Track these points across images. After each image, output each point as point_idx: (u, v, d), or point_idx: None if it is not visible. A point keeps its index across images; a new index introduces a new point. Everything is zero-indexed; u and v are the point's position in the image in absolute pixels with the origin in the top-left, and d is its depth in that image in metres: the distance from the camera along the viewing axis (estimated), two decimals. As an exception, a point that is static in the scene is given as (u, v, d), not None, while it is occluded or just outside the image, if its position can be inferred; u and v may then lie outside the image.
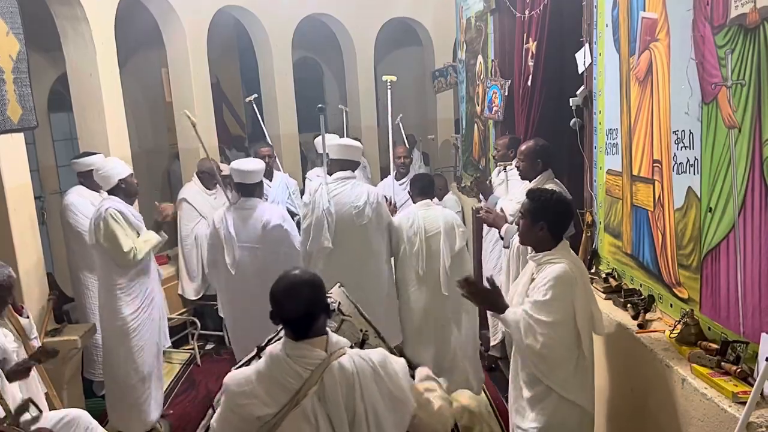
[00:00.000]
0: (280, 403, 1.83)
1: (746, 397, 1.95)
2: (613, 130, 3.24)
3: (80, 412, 3.10)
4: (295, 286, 1.93)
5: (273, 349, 1.93)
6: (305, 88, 9.50)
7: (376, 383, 1.91)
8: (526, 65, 4.47)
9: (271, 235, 3.98)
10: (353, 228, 4.00)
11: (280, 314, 1.92)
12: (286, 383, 1.85)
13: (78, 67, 5.26)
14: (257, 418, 1.83)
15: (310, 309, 1.91)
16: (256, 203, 4.09)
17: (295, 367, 1.86)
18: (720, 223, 2.30)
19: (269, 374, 1.87)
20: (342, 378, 1.86)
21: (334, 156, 4.20)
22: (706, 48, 2.33)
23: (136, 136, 7.49)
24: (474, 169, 6.60)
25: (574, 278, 2.48)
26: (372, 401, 1.88)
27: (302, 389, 1.84)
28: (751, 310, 2.16)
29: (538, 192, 2.70)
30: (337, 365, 1.87)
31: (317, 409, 1.84)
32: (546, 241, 2.58)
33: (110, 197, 3.99)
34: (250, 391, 1.85)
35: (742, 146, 2.13)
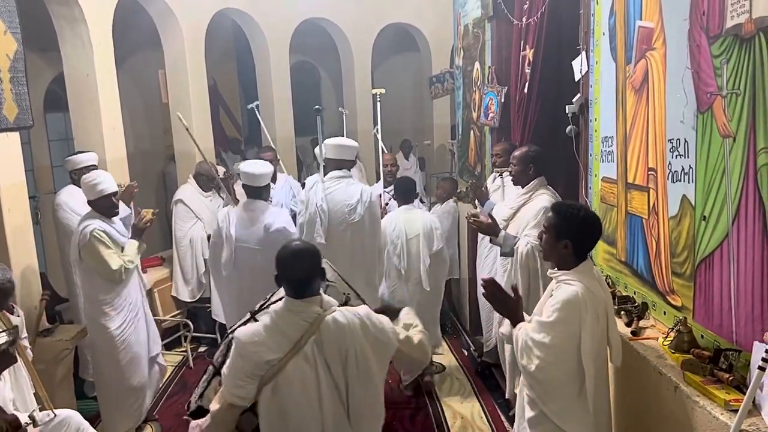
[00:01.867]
0: (284, 350, 2.19)
1: (738, 405, 1.96)
2: (609, 138, 3.26)
3: (71, 412, 3.09)
4: (299, 252, 2.31)
5: (276, 306, 2.30)
6: (302, 92, 9.52)
7: (363, 331, 2.27)
8: (523, 72, 4.49)
9: (273, 238, 3.96)
10: (345, 225, 4.22)
11: (285, 275, 2.29)
12: (289, 333, 2.21)
13: (75, 68, 5.26)
14: (266, 362, 2.18)
15: (310, 272, 2.29)
16: (261, 205, 4.16)
17: (296, 319, 2.23)
18: (714, 231, 2.31)
19: (275, 326, 2.23)
20: (336, 328, 2.23)
21: (330, 155, 4.36)
22: (702, 57, 2.34)
23: (133, 138, 7.48)
24: (470, 175, 6.60)
25: (584, 304, 2.34)
26: (361, 345, 2.25)
27: (303, 338, 2.21)
28: (744, 318, 2.17)
29: (564, 206, 2.56)
30: (331, 318, 2.25)
31: (315, 353, 2.22)
32: (568, 260, 2.45)
33: (90, 217, 3.90)
34: (260, 341, 2.20)
35: (737, 155, 2.15)
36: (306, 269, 2.29)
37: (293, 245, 2.37)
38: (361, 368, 2.26)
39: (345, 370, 2.24)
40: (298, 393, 2.21)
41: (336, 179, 4.29)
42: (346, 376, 2.25)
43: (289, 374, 2.19)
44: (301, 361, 2.20)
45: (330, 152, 4.38)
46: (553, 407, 2.38)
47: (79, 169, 4.64)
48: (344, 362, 2.24)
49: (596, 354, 2.38)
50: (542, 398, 2.40)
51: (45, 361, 3.80)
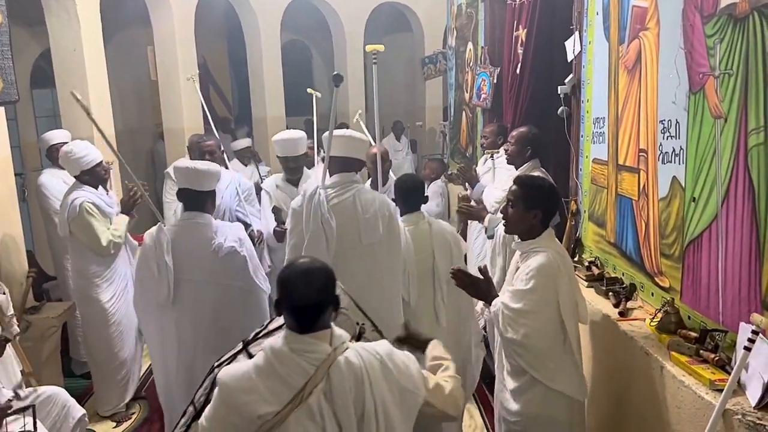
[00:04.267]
0: (282, 401, 1.69)
1: (723, 384, 1.97)
2: (600, 119, 3.24)
3: (57, 389, 3.07)
4: (309, 272, 1.79)
5: (273, 342, 1.77)
6: (293, 72, 9.44)
7: (385, 377, 1.77)
8: (516, 53, 4.46)
9: (226, 263, 3.06)
10: (357, 248, 2.98)
11: (289, 301, 1.76)
12: (289, 379, 1.70)
13: (61, 42, 5.18)
14: (258, 416, 1.68)
15: (321, 298, 1.78)
16: (205, 220, 3.13)
17: (299, 362, 1.71)
18: (703, 212, 2.31)
19: (271, 370, 1.72)
20: (350, 374, 1.73)
21: (336, 153, 3.08)
22: (695, 37, 2.33)
23: (121, 115, 7.41)
24: (461, 156, 6.59)
25: (558, 267, 2.42)
26: (381, 396, 1.75)
27: (307, 386, 1.70)
28: (731, 299, 2.18)
29: (530, 179, 2.62)
30: (343, 360, 1.73)
31: (324, 407, 1.70)
32: (535, 229, 2.51)
33: (79, 187, 3.85)
34: (251, 388, 1.70)
35: (728, 136, 2.14)
36: (316, 294, 1.77)
37: (301, 262, 1.83)
38: (382, 426, 1.75)
39: (361, 427, 1.74)
40: None
41: (342, 185, 3.03)
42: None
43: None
44: (304, 418, 1.69)
45: (337, 148, 3.06)
46: (544, 372, 2.43)
47: (53, 145, 4.60)
48: (359, 418, 1.73)
49: (573, 313, 2.47)
50: (531, 364, 2.43)
51: (32, 339, 3.77)
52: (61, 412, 2.98)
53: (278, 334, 1.81)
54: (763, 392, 1.89)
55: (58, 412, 2.97)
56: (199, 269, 3.04)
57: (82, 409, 3.10)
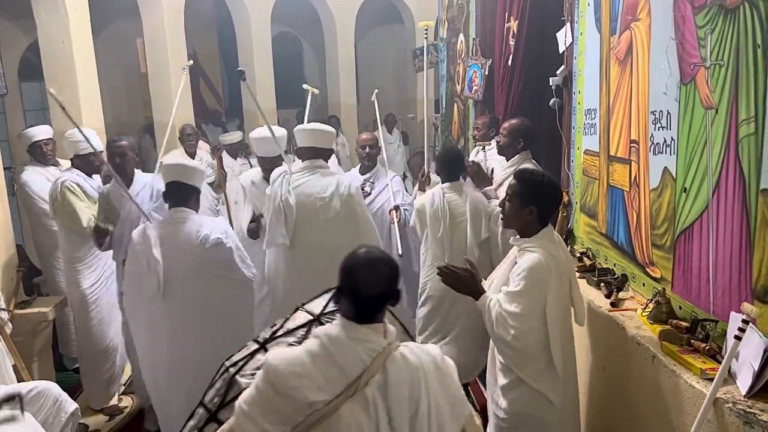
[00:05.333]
0: (335, 390, 1.62)
1: (714, 373, 1.99)
2: (592, 110, 3.25)
3: (49, 384, 3.04)
4: (377, 261, 1.76)
5: (328, 330, 1.71)
6: (284, 64, 9.39)
7: (439, 380, 1.72)
8: (507, 44, 4.45)
9: (212, 254, 3.12)
10: (317, 223, 3.51)
11: (353, 289, 1.71)
12: (346, 367, 1.64)
13: (49, 34, 5.13)
14: (309, 403, 1.60)
15: (386, 289, 1.74)
16: (190, 215, 3.19)
17: (358, 351, 1.65)
18: (694, 203, 2.32)
19: (327, 356, 1.65)
20: (406, 369, 1.67)
21: (304, 143, 3.67)
22: (687, 28, 2.33)
23: (111, 108, 7.35)
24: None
25: (548, 270, 2.38)
26: (436, 398, 1.70)
27: (363, 376, 1.63)
28: (722, 289, 2.19)
29: (528, 173, 2.56)
30: (399, 355, 1.69)
31: (378, 401, 1.63)
32: (531, 226, 2.48)
33: (69, 170, 3.92)
34: (304, 373, 1.62)
35: (719, 127, 2.15)
36: (383, 284, 1.73)
37: (369, 251, 1.79)
38: (435, 423, 1.69)
39: (413, 426, 1.66)
40: None
41: (307, 170, 3.59)
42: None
43: (339, 424, 1.60)
44: (359, 409, 1.61)
45: (303, 139, 3.66)
46: (529, 372, 2.43)
47: (34, 143, 4.57)
48: (413, 415, 1.66)
49: (561, 316, 2.45)
50: (517, 364, 2.43)
51: (23, 333, 3.75)
52: (53, 406, 2.96)
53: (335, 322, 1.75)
54: (754, 381, 1.90)
55: (51, 407, 2.95)
56: (187, 262, 3.08)
57: (75, 403, 3.07)
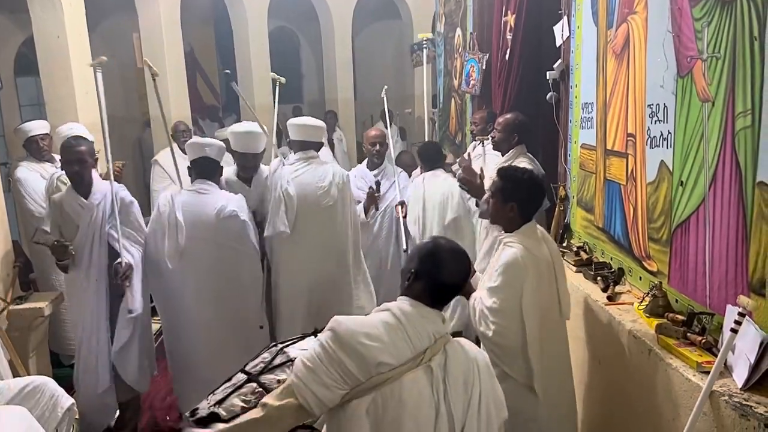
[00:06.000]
0: (402, 358, 1.68)
1: (710, 366, 1.98)
2: (589, 104, 3.24)
3: (45, 379, 3.04)
4: (459, 252, 1.86)
5: (402, 305, 1.78)
6: (281, 59, 9.36)
7: (490, 376, 1.82)
8: (505, 39, 4.45)
9: (226, 225, 3.37)
10: (318, 210, 3.70)
11: (435, 274, 1.79)
12: (415, 340, 1.71)
13: (44, 29, 5.10)
14: (378, 363, 1.64)
15: (462, 281, 1.86)
16: (212, 187, 3.49)
17: (426, 327, 1.74)
18: (691, 196, 2.32)
19: (399, 325, 1.72)
20: (464, 356, 1.77)
21: (295, 137, 3.84)
22: (683, 21, 2.32)
23: (107, 104, 7.31)
24: (450, 143, 6.58)
25: (524, 266, 2.39)
26: (486, 392, 1.78)
27: (428, 352, 1.72)
28: (718, 282, 2.19)
29: (509, 170, 2.59)
30: (458, 343, 1.80)
31: (440, 377, 1.72)
32: (514, 222, 2.50)
33: None
34: (376, 336, 1.68)
35: (715, 120, 2.14)
36: (462, 274, 1.86)
37: (448, 242, 1.89)
38: (484, 419, 1.75)
39: (465, 412, 1.73)
40: (409, 419, 1.65)
41: (302, 161, 3.76)
42: (465, 419, 1.72)
43: (402, 391, 1.65)
44: (424, 379, 1.69)
45: (294, 133, 3.85)
46: (513, 366, 2.43)
47: (31, 138, 4.53)
48: (467, 402, 1.73)
49: (540, 310, 2.44)
50: (502, 359, 2.43)
51: (19, 329, 3.74)
52: (49, 401, 2.95)
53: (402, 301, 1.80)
54: (750, 373, 1.90)
55: (47, 402, 2.94)
56: (204, 230, 3.35)
57: (71, 398, 3.08)
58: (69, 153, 3.38)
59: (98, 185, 3.47)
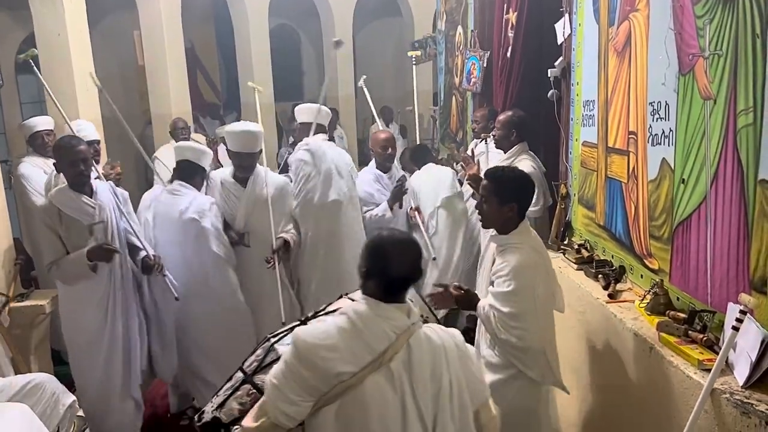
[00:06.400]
0: (361, 363, 1.69)
1: (711, 364, 1.98)
2: (590, 102, 3.24)
3: (47, 376, 3.05)
4: (405, 243, 1.84)
5: (355, 306, 1.78)
6: (282, 56, 9.36)
7: (460, 359, 1.80)
8: (506, 36, 4.43)
9: (186, 227, 3.51)
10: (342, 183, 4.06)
11: (382, 269, 1.78)
12: (372, 342, 1.71)
13: (45, 26, 5.09)
14: (336, 374, 1.68)
15: (413, 271, 1.83)
16: (185, 189, 3.58)
17: (384, 327, 1.73)
18: (692, 194, 2.32)
19: (355, 331, 1.72)
20: (429, 347, 1.76)
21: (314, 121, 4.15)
22: (685, 18, 2.32)
23: (107, 101, 7.32)
24: (451, 141, 6.58)
25: (536, 266, 2.40)
26: (457, 377, 1.78)
27: (388, 351, 1.72)
28: (720, 280, 2.19)
29: (501, 171, 2.53)
30: (423, 334, 1.78)
31: (403, 376, 1.72)
32: (512, 223, 2.46)
33: None
34: (332, 346, 1.70)
35: (717, 117, 2.14)
36: (410, 265, 1.81)
37: (397, 233, 1.89)
38: (456, 406, 1.77)
39: (436, 403, 1.74)
40: (375, 422, 1.68)
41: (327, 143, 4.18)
42: (437, 410, 1.74)
43: (365, 395, 1.68)
44: (383, 381, 1.70)
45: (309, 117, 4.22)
46: (536, 369, 2.41)
47: (35, 133, 4.53)
48: (436, 393, 1.74)
49: (551, 306, 2.48)
50: (525, 363, 2.40)
51: (20, 326, 3.75)
52: (50, 398, 2.97)
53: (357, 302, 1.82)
54: (751, 371, 1.90)
55: (48, 399, 2.95)
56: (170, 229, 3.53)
57: (72, 395, 3.09)
58: (73, 153, 3.20)
59: (94, 183, 3.38)
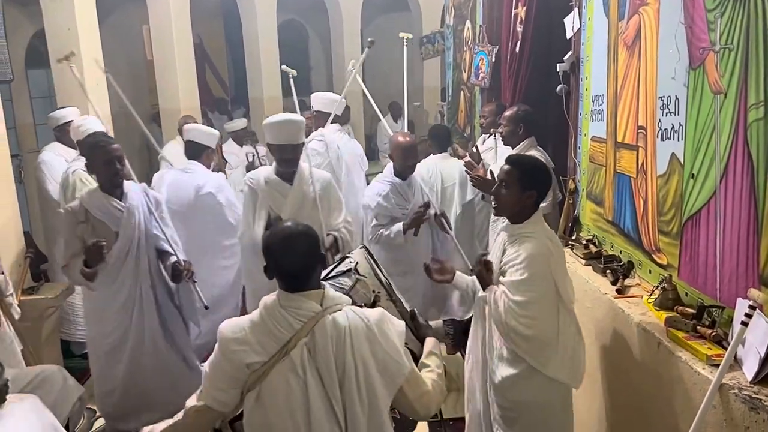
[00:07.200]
0: (269, 353, 1.83)
1: (720, 359, 1.97)
2: (599, 97, 3.22)
3: (57, 368, 3.07)
4: (291, 237, 1.91)
5: (267, 299, 1.91)
6: (290, 51, 9.35)
7: (369, 341, 1.87)
8: (515, 31, 4.42)
9: (203, 202, 3.83)
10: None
11: (276, 267, 1.90)
12: (277, 333, 1.84)
13: (55, 21, 5.12)
14: (246, 365, 1.83)
15: (307, 261, 1.90)
16: (195, 168, 4.05)
17: (287, 317, 1.85)
18: (702, 189, 2.30)
19: (262, 323, 1.87)
20: (333, 331, 1.85)
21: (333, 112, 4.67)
22: (696, 12, 2.30)
23: (116, 96, 7.33)
24: (459, 136, 6.56)
25: (550, 254, 2.40)
26: (363, 358, 1.85)
27: (292, 340, 1.83)
28: (729, 275, 2.18)
29: (523, 159, 2.58)
30: (330, 319, 1.86)
31: (306, 361, 1.83)
32: (527, 212, 2.46)
33: (78, 159, 3.93)
34: (243, 338, 1.85)
35: (727, 112, 2.13)
36: (301, 258, 1.89)
37: (284, 228, 1.96)
38: (363, 387, 1.85)
39: (342, 387, 1.84)
40: (282, 407, 1.82)
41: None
42: (344, 394, 1.84)
43: (272, 383, 1.83)
44: (286, 370, 1.82)
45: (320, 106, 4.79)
46: (541, 359, 2.40)
47: (61, 125, 4.58)
48: (341, 376, 1.84)
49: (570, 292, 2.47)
50: (532, 354, 2.40)
51: (30, 319, 3.78)
52: (60, 391, 2.98)
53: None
54: (760, 367, 1.89)
55: (58, 391, 2.97)
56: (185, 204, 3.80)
57: (82, 387, 3.11)
58: (107, 152, 3.08)
59: (127, 185, 3.25)
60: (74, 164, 3.91)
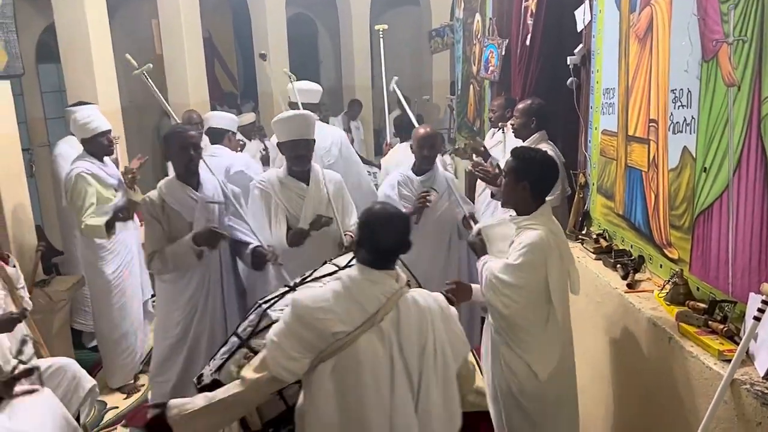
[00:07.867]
0: (355, 323, 1.89)
1: (731, 355, 1.96)
2: (610, 90, 3.20)
3: (68, 360, 3.10)
4: (394, 217, 2.01)
5: (349, 273, 1.98)
6: (299, 46, 9.35)
7: (443, 320, 1.99)
8: (525, 24, 4.39)
9: (234, 181, 3.76)
10: None
11: (373, 241, 1.97)
12: (365, 304, 1.91)
13: (65, 16, 5.15)
14: (333, 333, 1.88)
15: (402, 241, 2.00)
16: (221, 151, 4.41)
17: (374, 291, 1.93)
18: (714, 183, 2.28)
19: (348, 294, 1.93)
20: (415, 308, 1.95)
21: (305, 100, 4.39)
22: (709, 3, 2.27)
23: (126, 91, 7.37)
24: (468, 130, 6.54)
25: (550, 246, 2.40)
26: (441, 337, 1.97)
27: (379, 312, 1.91)
28: (741, 270, 2.16)
29: (522, 150, 2.60)
30: (410, 297, 1.97)
31: (392, 334, 1.92)
32: (527, 203, 2.47)
33: (83, 157, 3.87)
34: (328, 308, 1.90)
35: (741, 104, 2.10)
36: (398, 237, 1.99)
37: (385, 207, 2.05)
38: (440, 362, 1.96)
39: (421, 361, 1.94)
40: (368, 376, 1.88)
41: None
42: (422, 368, 1.94)
43: (358, 352, 1.88)
44: (375, 339, 1.89)
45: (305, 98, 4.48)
46: (519, 343, 2.46)
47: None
48: (421, 351, 1.94)
49: (563, 290, 2.48)
50: (508, 333, 2.46)
51: (42, 312, 3.81)
52: (71, 383, 3.02)
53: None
54: (772, 362, 1.88)
55: (69, 383, 3.00)
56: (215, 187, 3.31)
57: (93, 380, 3.13)
58: (183, 138, 3.04)
59: (204, 176, 3.22)
60: (77, 163, 3.86)
